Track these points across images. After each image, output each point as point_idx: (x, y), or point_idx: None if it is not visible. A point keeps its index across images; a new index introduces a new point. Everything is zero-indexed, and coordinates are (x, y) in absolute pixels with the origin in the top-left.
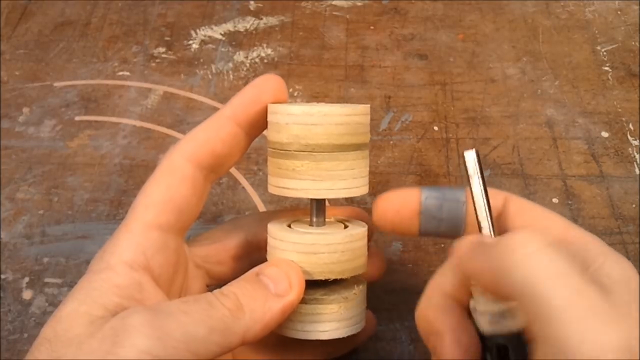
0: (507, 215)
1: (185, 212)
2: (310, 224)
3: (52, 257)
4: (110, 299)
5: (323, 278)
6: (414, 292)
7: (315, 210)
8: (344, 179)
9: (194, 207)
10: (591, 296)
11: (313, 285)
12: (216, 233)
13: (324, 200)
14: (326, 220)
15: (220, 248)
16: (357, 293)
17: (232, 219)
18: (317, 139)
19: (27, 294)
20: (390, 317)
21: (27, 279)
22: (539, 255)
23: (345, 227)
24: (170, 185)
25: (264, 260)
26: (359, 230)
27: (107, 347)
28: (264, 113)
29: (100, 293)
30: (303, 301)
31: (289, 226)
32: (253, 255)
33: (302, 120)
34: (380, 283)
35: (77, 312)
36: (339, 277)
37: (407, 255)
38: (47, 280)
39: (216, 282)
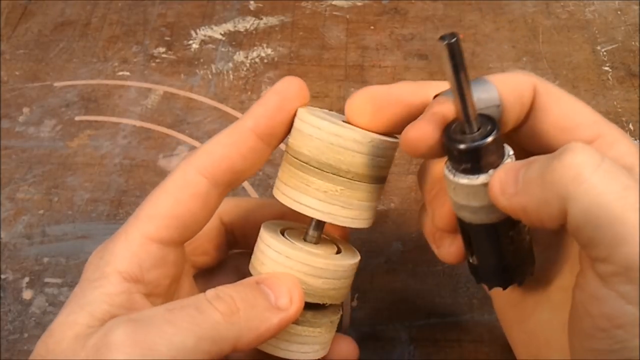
0: (538, 108)
1: (191, 227)
2: (304, 237)
3: (52, 257)
4: (99, 306)
5: (321, 302)
6: (414, 292)
7: (315, 225)
8: (367, 210)
9: (200, 222)
10: None
11: (305, 306)
12: None
13: (325, 223)
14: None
15: (205, 239)
16: (337, 318)
17: None
18: (360, 168)
19: (27, 294)
20: (390, 317)
21: (27, 279)
22: (600, 178)
23: (338, 247)
24: (179, 200)
25: (242, 246)
26: (357, 260)
27: None
28: (288, 122)
29: (90, 301)
30: (294, 321)
31: (283, 234)
32: (231, 243)
33: (349, 146)
34: (380, 283)
35: (65, 323)
36: (333, 302)
37: (407, 255)
38: (47, 280)
39: (198, 272)
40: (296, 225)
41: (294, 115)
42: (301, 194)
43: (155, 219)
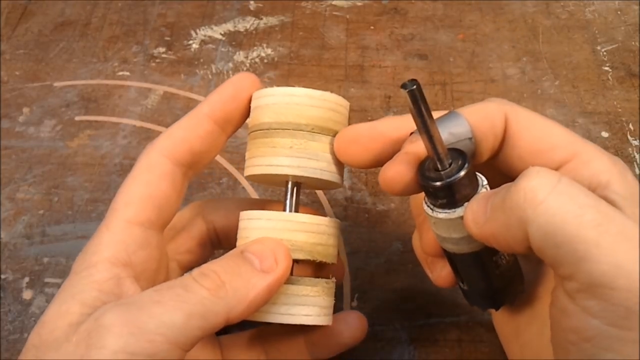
0: (510, 135)
1: (165, 208)
2: (284, 210)
3: (52, 257)
4: (89, 294)
5: (311, 258)
6: (414, 292)
7: (292, 196)
8: (334, 165)
9: (173, 203)
10: (616, 222)
11: (297, 268)
12: (175, 222)
13: (300, 188)
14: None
15: (187, 237)
16: (333, 283)
17: (188, 205)
18: (318, 120)
19: (27, 294)
20: (390, 317)
21: (27, 279)
22: (555, 199)
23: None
24: (149, 181)
25: (225, 245)
26: (337, 220)
27: (82, 351)
28: (242, 110)
29: (79, 290)
30: (289, 281)
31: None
32: (214, 242)
33: (304, 101)
34: (381, 283)
35: (57, 313)
36: (323, 260)
37: (407, 255)
38: (47, 280)
39: (187, 271)
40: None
41: (247, 104)
42: (269, 157)
43: (132, 204)
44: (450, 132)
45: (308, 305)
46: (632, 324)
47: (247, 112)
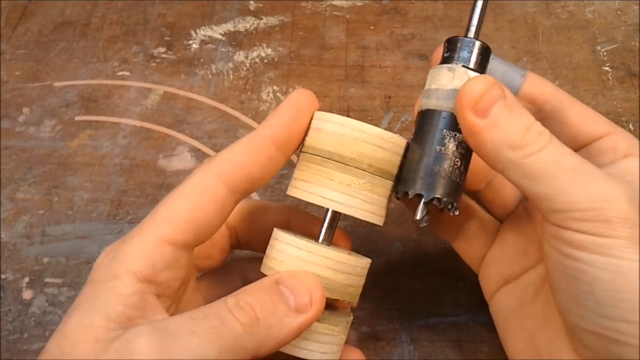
0: (555, 107)
1: (206, 232)
2: (317, 239)
3: (52, 257)
4: (113, 307)
5: (341, 298)
6: (414, 292)
7: (329, 226)
8: (383, 207)
9: (215, 227)
10: (588, 167)
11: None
12: None
13: (339, 217)
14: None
15: (209, 244)
16: (351, 319)
17: None
18: (381, 163)
19: (27, 294)
20: (390, 317)
21: (27, 279)
22: (544, 153)
23: (347, 251)
24: (197, 204)
25: (245, 247)
26: (369, 261)
27: None
28: (302, 131)
29: (104, 303)
30: None
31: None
32: (233, 244)
33: (373, 141)
34: (381, 283)
35: (81, 326)
36: (350, 300)
37: (407, 255)
38: (47, 280)
39: (202, 273)
40: (304, 235)
41: (307, 125)
42: (324, 189)
43: (172, 223)
44: (509, 64)
45: (326, 344)
46: (613, 231)
47: (306, 134)
